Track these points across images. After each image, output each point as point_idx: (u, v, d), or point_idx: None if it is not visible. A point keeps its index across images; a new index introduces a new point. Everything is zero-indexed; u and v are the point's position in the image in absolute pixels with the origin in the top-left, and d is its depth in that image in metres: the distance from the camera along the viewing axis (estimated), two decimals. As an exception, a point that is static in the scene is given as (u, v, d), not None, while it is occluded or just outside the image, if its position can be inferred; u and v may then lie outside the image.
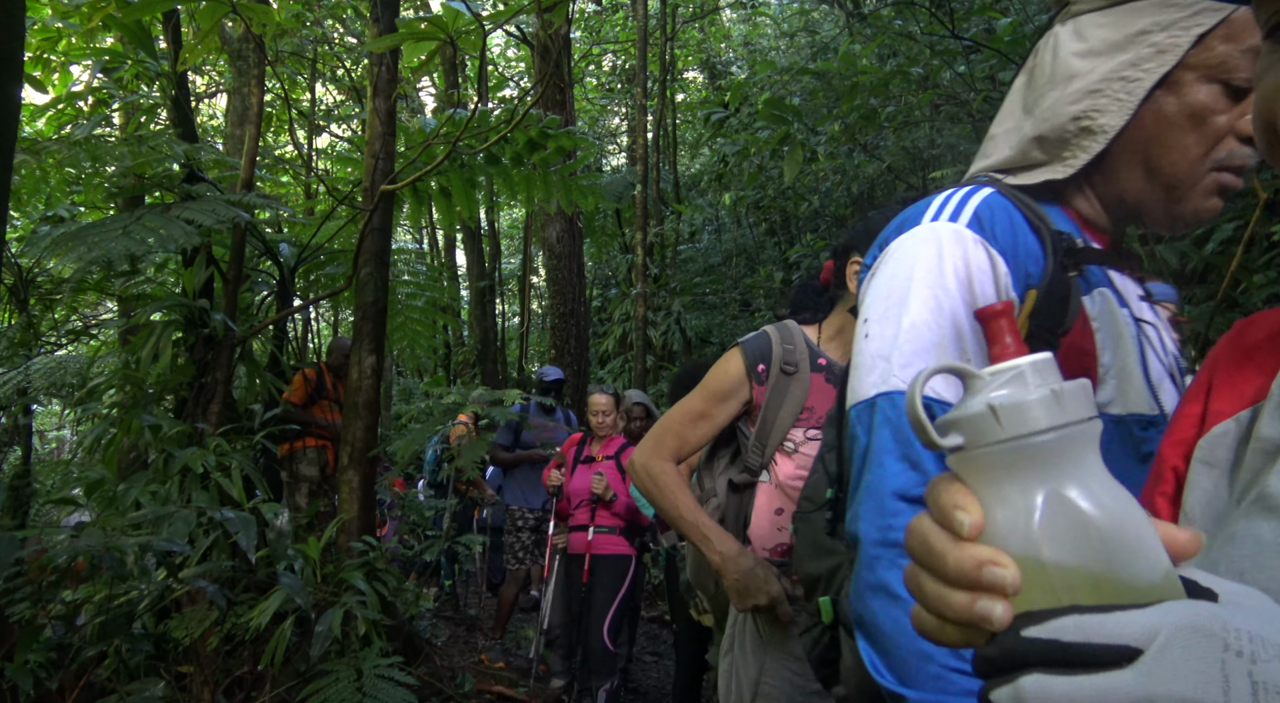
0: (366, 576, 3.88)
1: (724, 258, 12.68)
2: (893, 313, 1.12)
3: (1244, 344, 0.76)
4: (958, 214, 1.17)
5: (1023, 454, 0.48)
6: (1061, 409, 0.49)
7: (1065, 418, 0.48)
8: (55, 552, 2.49)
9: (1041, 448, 0.48)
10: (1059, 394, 0.49)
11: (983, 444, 0.49)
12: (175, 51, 4.63)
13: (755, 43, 14.87)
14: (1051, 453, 0.48)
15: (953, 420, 0.51)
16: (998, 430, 0.49)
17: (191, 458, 3.60)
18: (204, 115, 13.85)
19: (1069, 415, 0.49)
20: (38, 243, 4.87)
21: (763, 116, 5.15)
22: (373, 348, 4.49)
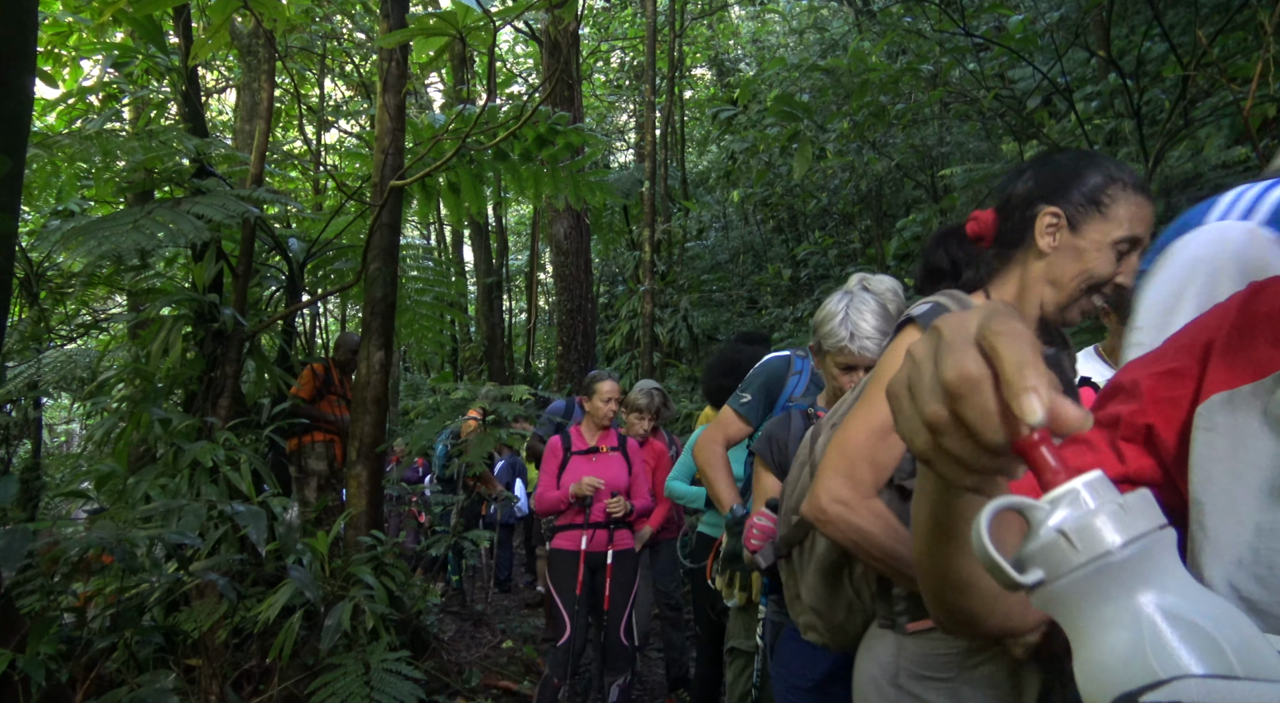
0: (374, 570, 3.89)
1: (731, 255, 12.67)
2: (1163, 324, 1.05)
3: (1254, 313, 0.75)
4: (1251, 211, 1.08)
5: (1107, 574, 0.47)
6: (1132, 521, 0.47)
7: (1138, 530, 0.47)
8: (67, 544, 2.50)
9: (1124, 565, 0.47)
10: (1125, 507, 0.48)
11: (1064, 573, 0.48)
12: (186, 47, 4.64)
13: (764, 40, 14.84)
14: (1135, 567, 0.47)
15: (1027, 556, 0.49)
16: (1075, 556, 0.47)
17: (201, 452, 3.62)
18: (213, 110, 13.89)
19: (1140, 527, 0.47)
20: (48, 237, 4.89)
21: (772, 113, 5.14)
22: (381, 343, 4.50)
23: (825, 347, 2.41)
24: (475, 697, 4.35)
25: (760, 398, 2.84)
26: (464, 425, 6.49)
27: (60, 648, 2.83)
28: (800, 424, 2.49)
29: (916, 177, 7.98)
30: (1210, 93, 4.87)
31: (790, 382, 2.80)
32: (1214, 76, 4.40)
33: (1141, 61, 4.93)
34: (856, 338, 2.33)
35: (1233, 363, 0.73)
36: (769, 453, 2.47)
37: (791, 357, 2.88)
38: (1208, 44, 3.42)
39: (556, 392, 10.05)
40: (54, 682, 2.61)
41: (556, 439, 4.52)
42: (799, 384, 2.79)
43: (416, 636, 4.26)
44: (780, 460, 2.43)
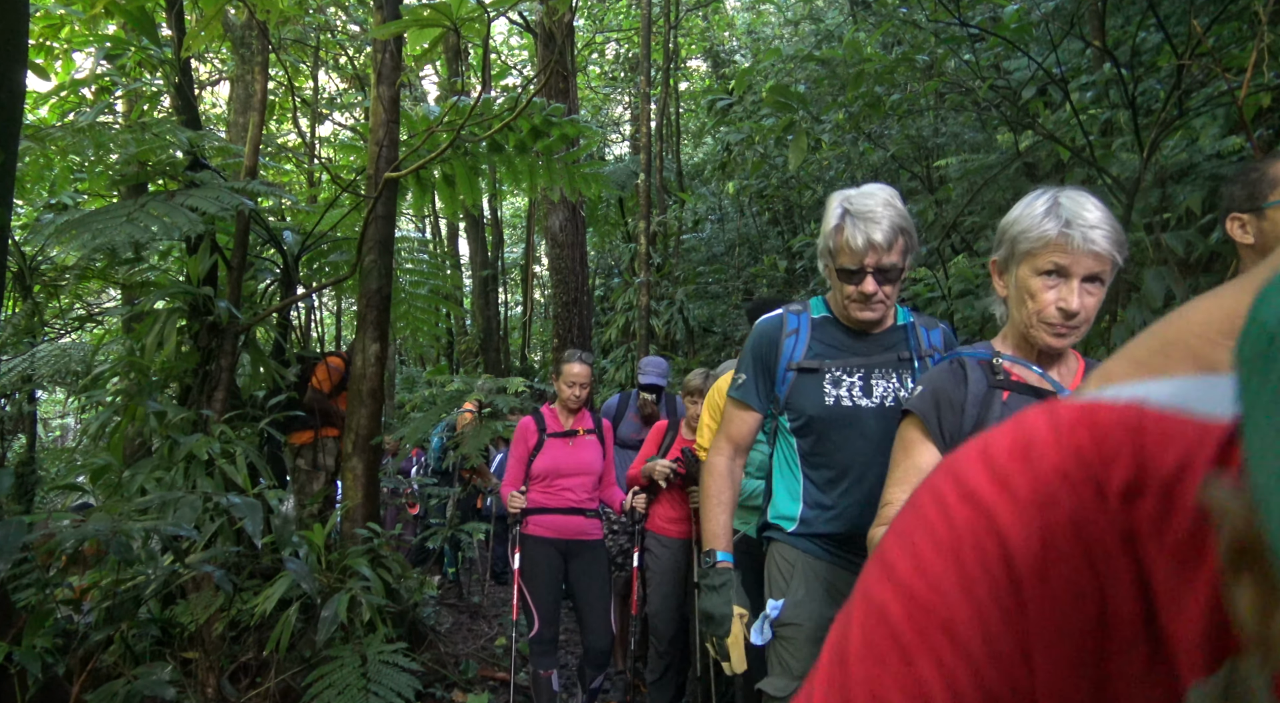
0: (371, 562, 3.90)
1: (727, 247, 12.66)
2: None
3: None
4: None
5: None
6: None
7: None
8: (63, 536, 2.50)
9: None
10: None
11: None
12: (179, 39, 4.62)
13: (759, 31, 14.81)
14: None
15: None
16: None
17: (197, 445, 3.62)
18: (206, 103, 13.83)
19: None
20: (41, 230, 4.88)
21: (768, 103, 5.12)
22: (377, 336, 4.49)
23: (1022, 247, 1.76)
24: (472, 688, 4.36)
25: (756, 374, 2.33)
26: (459, 418, 6.50)
27: (56, 641, 2.84)
28: (980, 382, 1.86)
29: (912, 167, 7.97)
30: (1205, 83, 4.87)
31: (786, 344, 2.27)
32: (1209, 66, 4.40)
33: (1136, 51, 4.93)
34: (1076, 225, 1.68)
35: None
36: (935, 417, 1.84)
37: (784, 315, 2.33)
38: (1203, 34, 3.42)
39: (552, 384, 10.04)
40: (50, 674, 2.61)
41: (529, 420, 4.22)
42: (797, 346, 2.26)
43: (413, 628, 4.27)
44: (952, 430, 1.85)
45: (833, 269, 2.17)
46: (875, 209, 2.07)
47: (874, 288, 2.10)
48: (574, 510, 4.10)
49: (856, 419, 2.16)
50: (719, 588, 2.18)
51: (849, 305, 2.17)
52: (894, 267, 2.09)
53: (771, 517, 2.30)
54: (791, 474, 2.28)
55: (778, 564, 2.24)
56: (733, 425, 2.36)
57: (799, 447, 2.26)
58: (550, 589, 4.03)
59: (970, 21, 4.75)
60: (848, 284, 2.14)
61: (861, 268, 2.10)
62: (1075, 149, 4.53)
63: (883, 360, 2.21)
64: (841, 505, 2.16)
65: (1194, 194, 4.65)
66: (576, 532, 4.09)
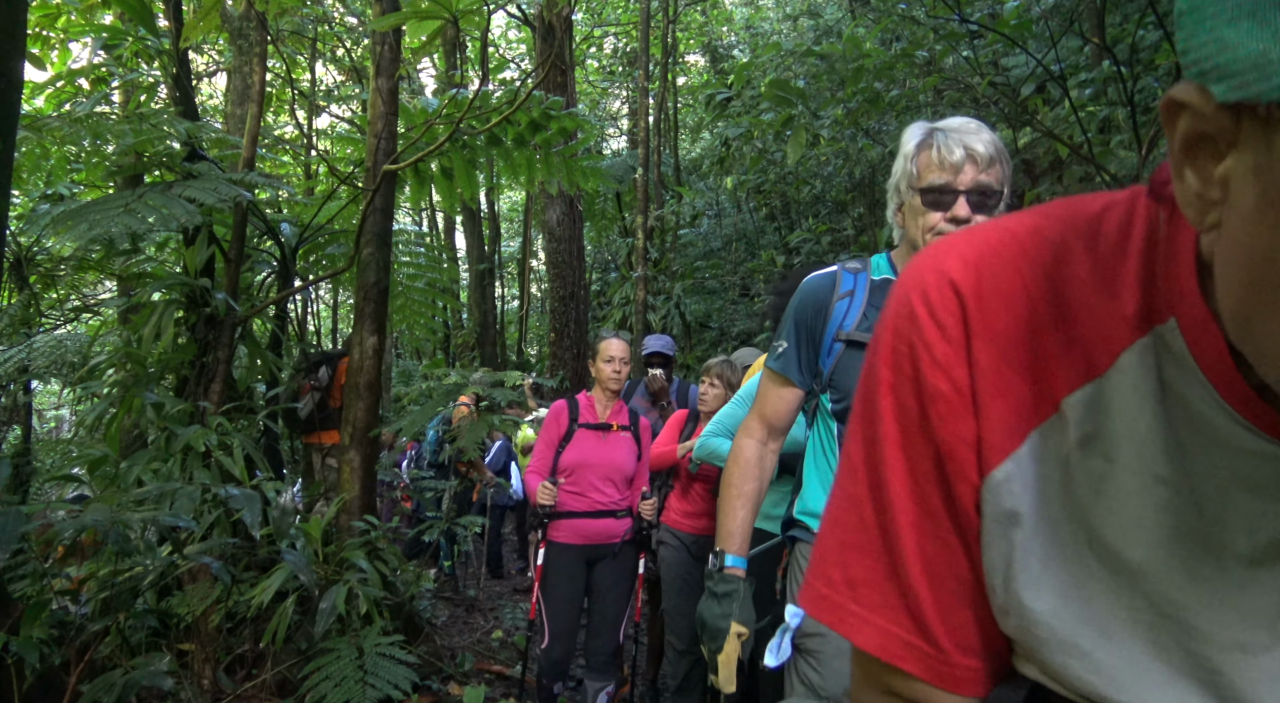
0: (368, 555, 3.90)
1: (724, 243, 12.66)
2: None
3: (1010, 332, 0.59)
4: None
5: None
6: None
7: None
8: (61, 526, 2.50)
9: None
10: None
11: None
12: (176, 29, 4.61)
13: (757, 26, 14.79)
14: None
15: None
16: None
17: (194, 437, 3.61)
18: (203, 95, 13.79)
19: None
20: (38, 221, 4.87)
21: (767, 98, 5.12)
22: (374, 329, 4.49)
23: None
24: (468, 681, 4.37)
25: (799, 342, 1.92)
26: (455, 412, 6.50)
27: (52, 632, 2.84)
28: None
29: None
30: (1203, 81, 4.87)
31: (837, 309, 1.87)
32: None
33: (1135, 49, 4.94)
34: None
35: None
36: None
37: (839, 272, 1.94)
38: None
39: (549, 378, 10.05)
40: (47, 665, 2.61)
41: (563, 405, 3.85)
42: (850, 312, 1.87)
43: (409, 621, 4.27)
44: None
45: (911, 198, 1.77)
46: (970, 126, 1.74)
47: (968, 213, 1.68)
48: (603, 513, 3.74)
49: None
50: (721, 597, 1.86)
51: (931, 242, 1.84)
52: (994, 192, 1.70)
53: (798, 512, 1.97)
54: (828, 464, 1.92)
55: (801, 566, 1.92)
56: (768, 402, 1.96)
57: (839, 433, 1.88)
58: (570, 605, 3.70)
59: (970, 18, 4.75)
60: (933, 211, 1.71)
61: (954, 186, 1.69)
62: (1074, 146, 4.54)
63: None
64: None
65: (1191, 192, 4.66)
66: (604, 536, 3.76)
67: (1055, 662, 0.57)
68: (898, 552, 0.61)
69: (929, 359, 0.59)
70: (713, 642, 1.84)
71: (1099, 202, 0.58)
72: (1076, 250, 0.57)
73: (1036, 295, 0.57)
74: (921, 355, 0.59)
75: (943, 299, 0.59)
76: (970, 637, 0.61)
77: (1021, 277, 0.58)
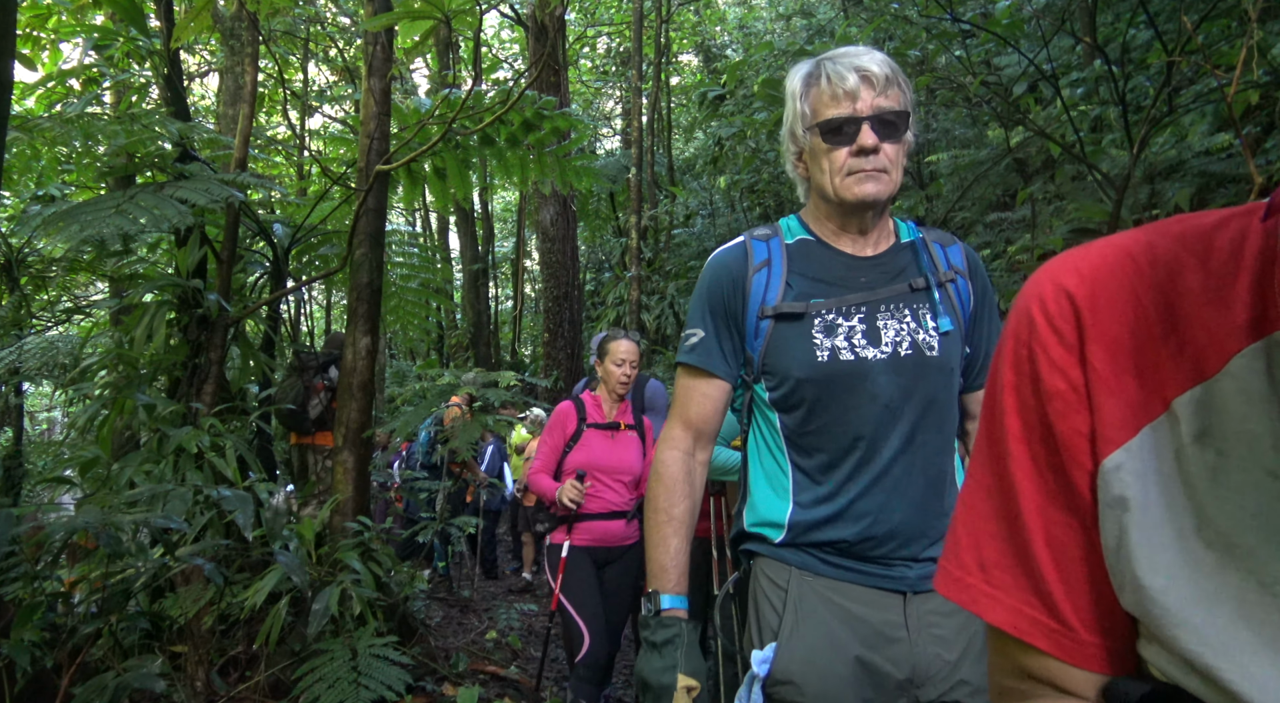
0: (361, 556, 3.89)
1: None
2: None
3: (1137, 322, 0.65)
4: None
5: None
6: None
7: None
8: (53, 528, 2.49)
9: None
10: None
11: None
12: (168, 29, 4.59)
13: (750, 26, 14.80)
14: None
15: None
16: None
17: (186, 438, 3.60)
18: (195, 95, 13.76)
19: None
20: (28, 222, 4.85)
21: (760, 97, 5.13)
22: (368, 329, 4.48)
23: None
24: (463, 682, 4.36)
25: (716, 328, 1.67)
26: (448, 413, 6.50)
27: (43, 635, 2.83)
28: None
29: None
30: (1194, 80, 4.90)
31: (755, 283, 1.65)
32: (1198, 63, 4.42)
33: (1126, 48, 4.95)
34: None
35: None
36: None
37: (747, 242, 1.70)
38: (1193, 30, 3.43)
39: (544, 378, 10.05)
40: (39, 667, 2.60)
41: (569, 406, 3.73)
42: (770, 284, 1.64)
43: (404, 622, 4.26)
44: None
45: (811, 139, 1.60)
46: (857, 49, 1.59)
47: (874, 140, 1.52)
48: (613, 514, 3.66)
49: (862, 376, 1.56)
50: (661, 647, 1.55)
51: (841, 183, 1.57)
52: (896, 114, 1.53)
53: (750, 525, 1.68)
54: (775, 464, 1.66)
55: (765, 592, 1.62)
56: (690, 403, 1.70)
57: (783, 424, 1.64)
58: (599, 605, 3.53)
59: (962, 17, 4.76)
60: (837, 148, 1.56)
61: (854, 115, 1.53)
62: (1065, 145, 4.55)
63: (890, 293, 1.61)
64: (848, 497, 1.56)
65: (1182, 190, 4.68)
66: (616, 538, 3.67)
67: (1168, 635, 0.62)
68: (1024, 535, 0.68)
69: (1047, 362, 0.66)
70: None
71: (1211, 219, 0.65)
72: (1189, 265, 0.63)
73: (1148, 305, 0.64)
74: (1040, 358, 0.67)
75: (1059, 308, 0.66)
76: (1094, 614, 0.67)
77: (1133, 288, 0.65)
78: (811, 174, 1.64)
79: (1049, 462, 0.67)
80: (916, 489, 1.56)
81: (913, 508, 1.55)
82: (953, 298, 1.64)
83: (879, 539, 1.55)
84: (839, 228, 1.66)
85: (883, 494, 1.55)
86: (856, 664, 1.51)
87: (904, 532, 1.55)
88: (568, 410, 3.72)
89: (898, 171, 1.58)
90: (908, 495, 1.56)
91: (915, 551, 1.56)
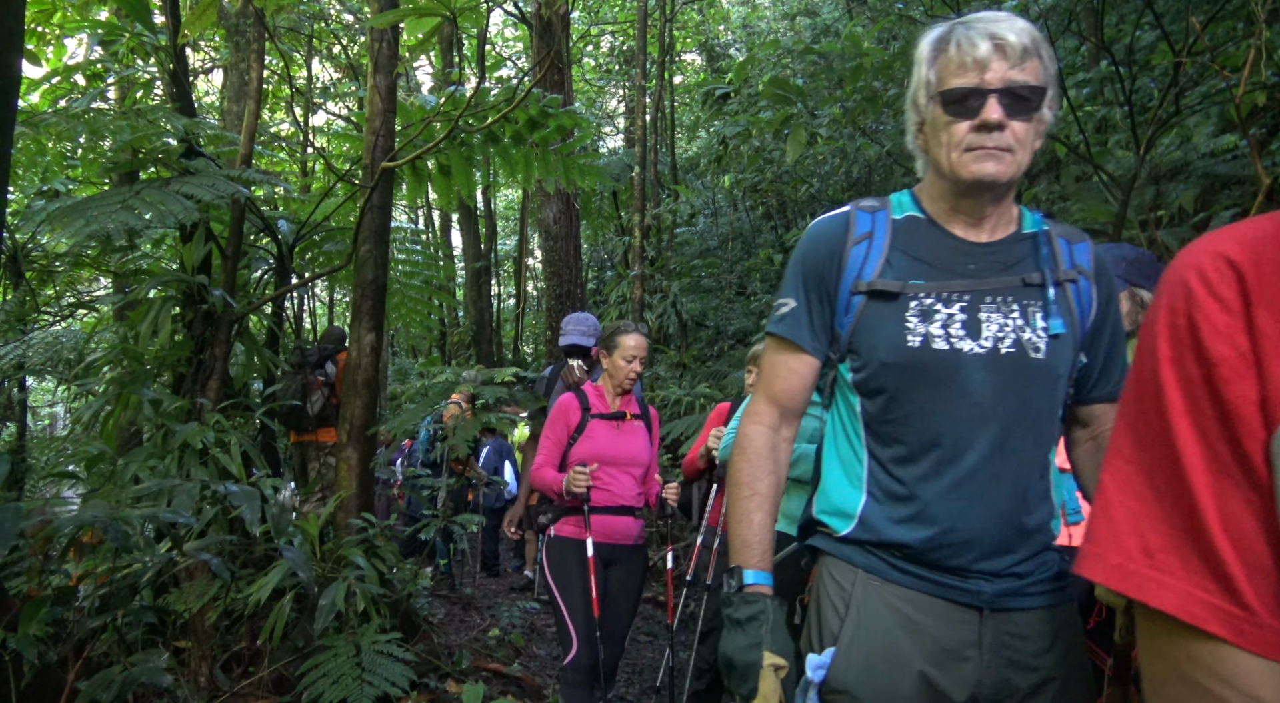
0: (365, 552, 3.89)
1: (720, 241, 12.67)
2: None
3: None
4: None
5: None
6: None
7: None
8: (61, 522, 2.49)
9: None
10: None
11: None
12: (174, 25, 4.59)
13: (754, 25, 14.80)
14: None
15: None
16: None
17: (191, 434, 3.60)
18: (199, 91, 13.76)
19: None
20: (33, 217, 4.85)
21: (765, 96, 5.13)
22: (372, 326, 4.48)
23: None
24: (466, 679, 4.37)
25: (809, 299, 1.58)
26: (445, 411, 6.50)
27: (48, 630, 2.83)
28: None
29: (907, 163, 7.99)
30: (1200, 81, 4.89)
31: (853, 256, 1.54)
32: (1205, 64, 4.42)
33: (1132, 49, 4.95)
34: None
35: None
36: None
37: (852, 212, 1.59)
38: (1200, 31, 3.43)
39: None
40: (44, 661, 2.60)
41: (571, 398, 3.57)
42: (869, 258, 1.53)
43: (407, 619, 4.27)
44: None
45: (932, 109, 1.48)
46: (997, 14, 1.44)
47: (999, 115, 1.39)
48: (623, 509, 3.47)
49: (954, 369, 1.45)
50: (745, 624, 1.45)
51: (959, 159, 1.44)
52: (1030, 89, 1.39)
53: (819, 511, 1.60)
54: (851, 450, 1.57)
55: (828, 593, 1.52)
56: (776, 378, 1.60)
57: (864, 409, 1.55)
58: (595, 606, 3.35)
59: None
60: (958, 121, 1.43)
61: (981, 87, 1.40)
62: (1071, 146, 4.55)
63: (998, 285, 1.48)
64: (926, 497, 1.46)
65: (1188, 191, 4.68)
66: (624, 535, 3.48)
67: None
68: (1197, 515, 0.64)
69: (1209, 329, 0.64)
70: (743, 684, 1.42)
71: None
72: None
73: None
74: (1202, 326, 0.64)
75: (1220, 276, 0.65)
76: (1277, 597, 0.62)
77: None
78: (930, 147, 1.52)
79: (1221, 433, 0.64)
80: (1002, 499, 1.44)
81: (996, 518, 1.43)
82: (1070, 299, 1.50)
83: (955, 547, 1.44)
84: (951, 208, 1.53)
85: (963, 500, 1.44)
86: (920, 680, 1.41)
87: (983, 543, 1.43)
88: (570, 402, 3.56)
89: (1025, 153, 1.45)
90: (992, 504, 1.43)
91: (996, 565, 1.44)
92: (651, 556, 5.92)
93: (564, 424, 3.53)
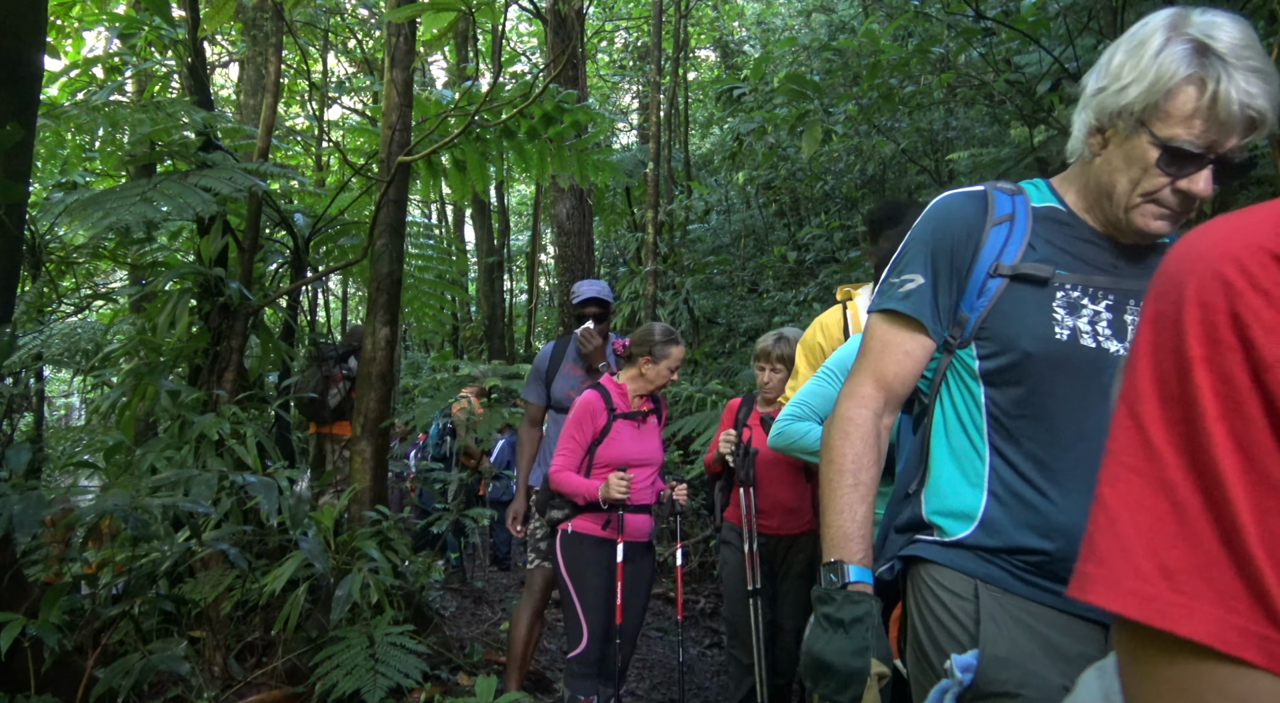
0: (379, 545, 3.92)
1: (733, 238, 12.65)
2: None
3: None
4: None
5: None
6: None
7: None
8: (82, 511, 2.52)
9: None
10: None
11: None
12: (193, 19, 4.62)
13: (769, 22, 14.76)
14: None
15: None
16: None
17: (208, 425, 3.63)
18: (215, 85, 13.83)
19: None
20: (51, 209, 4.88)
21: (782, 92, 5.12)
22: (387, 319, 4.50)
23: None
24: (477, 672, 4.39)
25: (937, 277, 1.46)
26: (454, 406, 6.52)
27: (64, 618, 2.86)
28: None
29: (922, 161, 7.97)
30: (1220, 80, 4.86)
31: (993, 236, 1.43)
32: (1225, 63, 4.39)
33: (1152, 47, 4.91)
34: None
35: None
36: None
37: (990, 192, 1.48)
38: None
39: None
40: (62, 649, 2.63)
41: (595, 397, 3.44)
42: (1010, 240, 1.43)
43: (419, 611, 4.29)
44: None
45: (1137, 137, 1.31)
46: (1260, 66, 1.22)
47: (1208, 191, 1.28)
48: (641, 508, 3.40)
49: (1099, 368, 1.35)
50: (849, 626, 1.32)
51: (1139, 207, 1.34)
52: (1246, 161, 1.30)
53: (930, 512, 1.46)
54: (969, 444, 1.44)
55: (942, 601, 1.39)
56: (887, 357, 1.47)
57: (989, 400, 1.43)
58: (610, 601, 3.31)
59: (985, 14, 4.74)
60: (1162, 174, 1.29)
61: (1205, 155, 1.26)
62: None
63: (1139, 288, 1.39)
64: (1059, 501, 1.34)
65: (1206, 191, 4.64)
66: (641, 533, 3.42)
67: None
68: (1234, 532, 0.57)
69: (1259, 327, 0.58)
70: (843, 692, 1.29)
71: None
72: None
73: None
74: (1250, 324, 0.58)
75: (1264, 268, 0.58)
76: None
77: None
78: (1109, 162, 1.37)
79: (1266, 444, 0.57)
80: None
81: None
82: None
83: None
84: (1092, 205, 1.44)
85: None
86: (1062, 693, 1.34)
87: None
88: (596, 403, 3.42)
89: None
90: None
91: None
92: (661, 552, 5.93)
93: (591, 426, 3.39)
